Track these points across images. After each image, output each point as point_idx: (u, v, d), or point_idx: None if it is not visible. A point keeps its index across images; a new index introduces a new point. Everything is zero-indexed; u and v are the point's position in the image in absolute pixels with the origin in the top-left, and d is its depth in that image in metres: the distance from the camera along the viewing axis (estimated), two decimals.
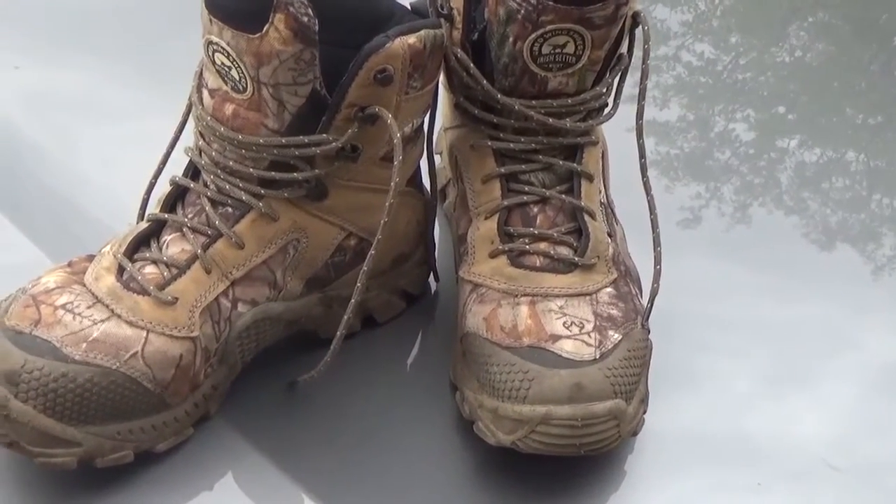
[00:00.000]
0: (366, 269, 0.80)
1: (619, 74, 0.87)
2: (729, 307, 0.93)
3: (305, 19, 0.74)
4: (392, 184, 0.78)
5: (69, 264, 0.82)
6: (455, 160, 0.88)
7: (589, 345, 0.80)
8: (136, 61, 1.10)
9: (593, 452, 0.79)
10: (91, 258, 0.82)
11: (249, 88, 0.77)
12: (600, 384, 0.78)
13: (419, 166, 0.89)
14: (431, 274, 0.92)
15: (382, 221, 0.79)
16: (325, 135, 0.78)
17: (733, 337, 0.91)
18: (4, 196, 0.97)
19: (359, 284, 0.80)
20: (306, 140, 0.78)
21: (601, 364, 0.79)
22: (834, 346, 0.91)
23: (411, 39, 0.78)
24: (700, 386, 0.88)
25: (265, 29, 0.75)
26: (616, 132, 0.90)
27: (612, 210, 0.89)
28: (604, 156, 0.89)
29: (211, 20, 0.76)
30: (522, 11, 0.81)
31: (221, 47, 0.77)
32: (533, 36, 0.81)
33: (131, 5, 1.16)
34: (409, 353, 0.90)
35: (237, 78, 0.77)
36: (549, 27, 0.81)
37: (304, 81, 0.77)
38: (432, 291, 0.93)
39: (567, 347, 0.80)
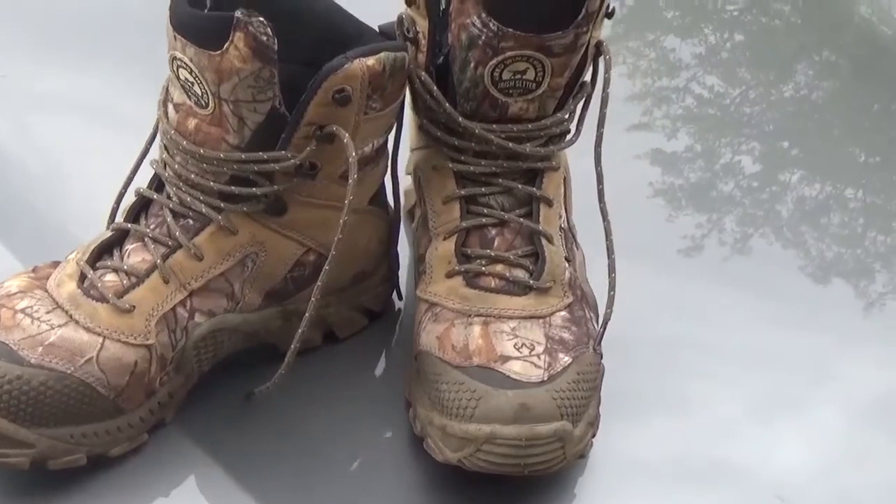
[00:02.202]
0: (320, 283, 0.81)
1: (583, 102, 0.89)
2: (722, 334, 0.95)
3: (264, 38, 0.76)
4: (346, 201, 0.80)
5: (34, 270, 0.84)
6: (419, 181, 0.90)
7: (538, 366, 0.81)
8: (138, 70, 1.11)
9: (538, 473, 0.80)
10: (56, 264, 0.84)
11: (211, 104, 0.79)
12: (546, 405, 0.80)
13: (384, 185, 0.90)
14: (395, 292, 0.94)
15: (336, 238, 0.80)
16: (283, 152, 0.80)
17: (724, 363, 0.92)
18: None
19: (313, 299, 0.81)
20: (265, 156, 0.80)
21: (549, 386, 0.80)
22: (819, 375, 0.92)
23: (370, 61, 0.79)
24: (686, 410, 0.89)
25: (225, 46, 0.76)
26: (615, 160, 0.91)
27: (573, 235, 0.91)
28: (566, 181, 0.90)
29: (175, 36, 0.78)
30: (483, 37, 0.82)
31: (185, 63, 0.79)
32: (493, 61, 0.83)
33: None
34: (367, 368, 0.91)
35: (200, 93, 0.79)
36: (509, 53, 0.82)
37: (264, 99, 0.78)
38: (396, 309, 0.95)
39: (515, 368, 0.81)
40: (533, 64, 0.83)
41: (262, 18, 0.76)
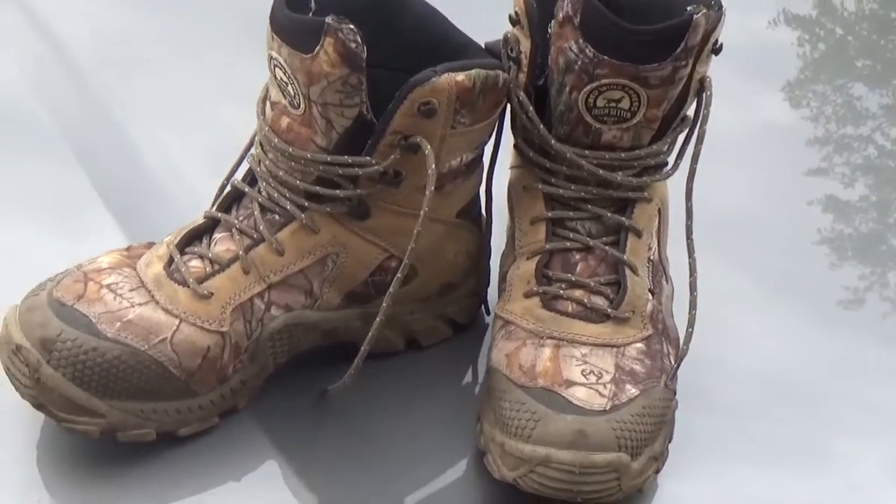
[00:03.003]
0: (392, 290, 0.83)
1: (686, 136, 0.88)
2: (873, 389, 0.93)
3: (353, 45, 0.78)
4: (422, 211, 0.81)
5: (128, 249, 0.87)
6: (511, 199, 0.90)
7: (602, 395, 0.81)
8: None
9: (590, 502, 0.80)
10: (150, 245, 0.87)
11: (302, 105, 0.81)
12: (604, 435, 0.79)
13: (477, 199, 0.91)
14: (483, 307, 0.95)
15: (410, 247, 0.82)
16: (368, 157, 0.82)
17: (868, 419, 0.91)
18: (103, 180, 1.03)
19: (384, 305, 0.83)
20: (350, 160, 0.82)
21: (610, 416, 0.80)
22: None
23: (460, 77, 0.80)
24: (823, 464, 0.88)
25: (316, 50, 0.78)
26: (786, 203, 0.91)
27: (664, 268, 0.90)
28: (660, 213, 0.90)
29: (273, 37, 0.81)
30: (579, 63, 0.83)
31: (280, 63, 0.81)
32: (588, 88, 0.83)
33: None
34: (445, 379, 0.92)
35: (293, 94, 0.81)
36: (604, 81, 0.83)
37: (351, 104, 0.80)
38: (483, 323, 0.95)
39: (579, 394, 0.81)
40: (628, 93, 0.83)
41: (352, 26, 0.78)
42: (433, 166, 0.81)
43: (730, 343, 0.95)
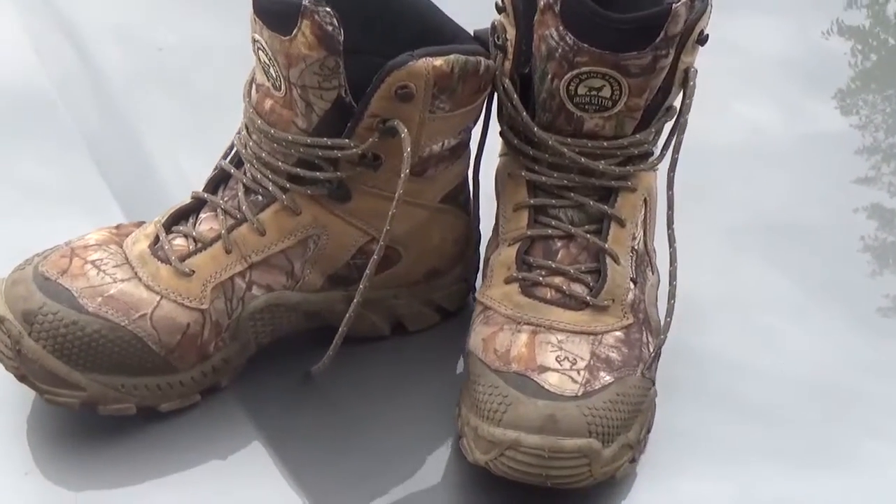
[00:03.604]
0: (368, 271, 0.83)
1: (672, 127, 0.88)
2: None
3: (330, 28, 0.79)
4: (396, 194, 0.82)
5: (117, 227, 0.89)
6: (497, 186, 0.91)
7: (575, 381, 0.81)
8: None
9: (561, 486, 0.81)
10: (140, 224, 0.89)
11: (283, 87, 0.82)
12: (575, 420, 0.80)
13: (465, 186, 0.92)
14: (472, 294, 0.95)
15: (385, 229, 0.82)
16: (347, 140, 0.83)
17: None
18: (106, 160, 1.05)
19: (361, 286, 0.84)
20: (329, 142, 0.83)
21: (581, 402, 0.81)
22: None
23: (437, 62, 0.81)
24: (853, 467, 0.88)
25: (294, 32, 0.79)
26: (830, 209, 0.93)
27: (650, 258, 0.90)
28: (647, 204, 0.90)
29: (255, 19, 0.82)
30: (560, 50, 0.83)
31: (262, 45, 0.82)
32: (569, 75, 0.83)
33: None
34: (430, 364, 0.93)
35: (275, 76, 0.83)
36: (584, 68, 0.83)
37: (329, 87, 0.81)
38: (471, 310, 0.95)
39: (551, 380, 0.81)
40: (609, 81, 0.83)
41: (328, 9, 0.79)
42: (408, 149, 0.81)
43: (767, 346, 0.95)
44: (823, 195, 1.09)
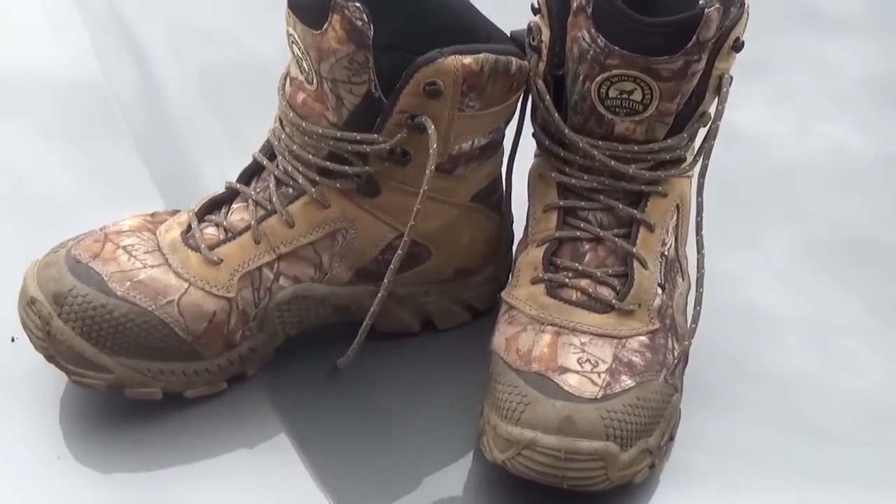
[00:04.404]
0: (393, 266, 0.84)
1: (707, 134, 0.88)
2: None
3: (359, 23, 0.80)
4: (421, 189, 0.82)
5: (153, 214, 0.90)
6: (529, 187, 0.91)
7: (595, 384, 0.81)
8: None
9: (577, 488, 0.81)
10: (175, 213, 0.90)
11: (315, 81, 0.83)
12: (592, 423, 0.80)
13: (498, 185, 0.92)
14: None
15: (409, 224, 0.83)
16: (376, 135, 0.83)
17: None
18: (151, 150, 1.07)
19: (386, 280, 0.84)
20: (358, 137, 0.83)
21: (600, 404, 0.80)
22: None
23: (467, 59, 0.82)
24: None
25: (324, 27, 0.80)
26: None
27: (681, 265, 0.90)
28: (679, 209, 0.89)
29: (289, 13, 0.83)
30: (591, 52, 0.83)
31: (295, 39, 0.83)
32: (600, 78, 0.83)
33: None
34: (458, 362, 0.93)
35: (307, 69, 0.84)
36: (614, 71, 0.83)
37: (359, 82, 0.82)
38: None
39: (571, 381, 0.81)
40: (640, 85, 0.83)
41: (358, 4, 0.79)
42: (434, 146, 0.82)
43: (837, 365, 0.95)
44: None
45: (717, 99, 0.86)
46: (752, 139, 1.11)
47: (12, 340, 0.89)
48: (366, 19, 0.80)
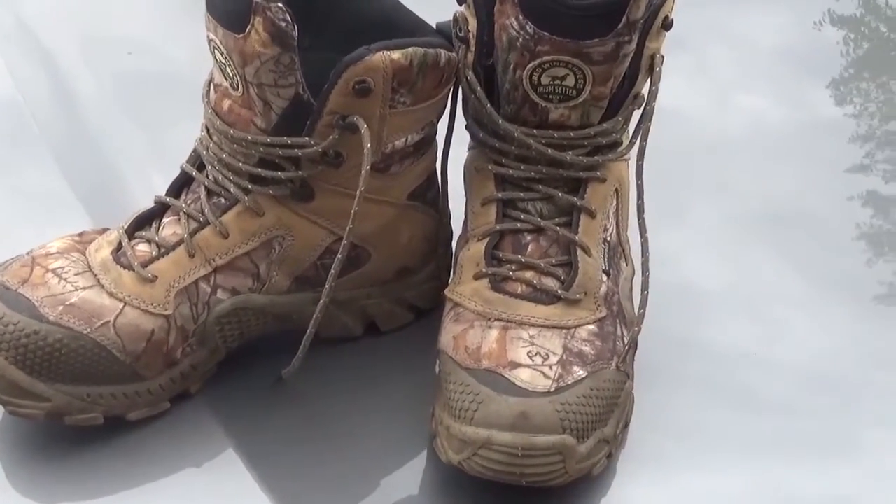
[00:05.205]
0: (333, 271, 0.82)
1: (642, 115, 0.86)
2: None
3: (283, 24, 0.78)
4: (358, 191, 0.80)
5: (80, 234, 0.88)
6: (465, 180, 0.89)
7: (547, 377, 0.80)
8: None
9: (536, 484, 0.79)
10: (104, 231, 0.88)
11: (240, 86, 0.81)
12: (547, 417, 0.78)
13: (434, 182, 0.90)
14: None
15: (348, 227, 0.81)
16: (307, 138, 0.81)
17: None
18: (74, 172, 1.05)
19: (327, 286, 0.82)
20: (289, 141, 0.81)
21: (554, 397, 0.79)
22: None
23: (395, 55, 0.80)
24: (860, 456, 0.87)
25: (247, 30, 0.78)
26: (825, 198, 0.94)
27: (623, 250, 0.89)
28: (618, 194, 0.88)
29: (208, 17, 0.81)
30: (521, 39, 0.81)
31: (217, 44, 0.81)
32: (531, 65, 0.82)
33: None
34: (404, 364, 0.91)
35: (231, 75, 0.81)
36: (546, 58, 0.81)
37: (286, 84, 0.80)
38: None
39: (522, 376, 0.80)
40: (572, 70, 0.82)
41: (280, 5, 0.77)
42: (369, 145, 0.80)
43: (773, 336, 0.95)
44: (820, 184, 1.09)
45: (650, 79, 0.85)
46: (672, 114, 1.10)
47: None
48: (289, 20, 0.78)
